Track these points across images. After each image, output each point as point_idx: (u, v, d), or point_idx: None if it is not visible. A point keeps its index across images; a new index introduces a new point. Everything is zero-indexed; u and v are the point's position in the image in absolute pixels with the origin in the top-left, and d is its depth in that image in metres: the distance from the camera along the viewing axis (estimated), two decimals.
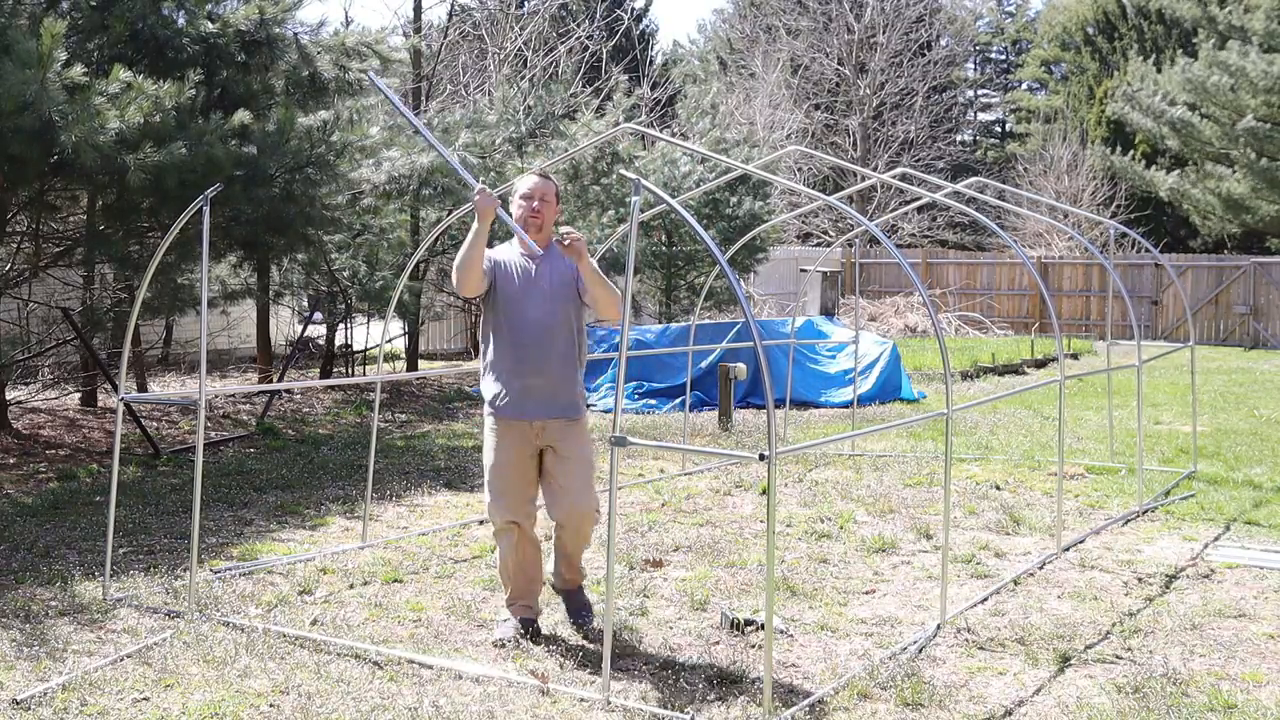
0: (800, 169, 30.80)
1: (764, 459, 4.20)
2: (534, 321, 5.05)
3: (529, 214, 5.15)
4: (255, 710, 4.32)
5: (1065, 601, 5.92)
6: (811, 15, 35.29)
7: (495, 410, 5.12)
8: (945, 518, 5.83)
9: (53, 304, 10.91)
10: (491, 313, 5.15)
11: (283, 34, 9.49)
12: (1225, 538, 7.29)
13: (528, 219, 5.15)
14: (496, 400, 5.11)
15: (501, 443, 5.12)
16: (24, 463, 8.97)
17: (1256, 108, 26.29)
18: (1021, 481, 9.12)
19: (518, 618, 5.22)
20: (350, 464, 9.47)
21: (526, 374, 5.04)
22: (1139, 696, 4.60)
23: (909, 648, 5.14)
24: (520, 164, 14.51)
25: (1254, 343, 25.28)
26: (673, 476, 9.25)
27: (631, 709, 4.38)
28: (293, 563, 6.44)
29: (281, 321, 16.67)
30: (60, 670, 4.69)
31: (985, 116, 51.93)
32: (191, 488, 5.50)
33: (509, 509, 5.13)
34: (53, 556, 6.47)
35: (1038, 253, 28.60)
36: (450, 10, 21.15)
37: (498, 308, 5.12)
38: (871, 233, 5.70)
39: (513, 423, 5.08)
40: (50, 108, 7.20)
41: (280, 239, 9.98)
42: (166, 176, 8.00)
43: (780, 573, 6.28)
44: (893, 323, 25.25)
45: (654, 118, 26.35)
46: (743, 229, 17.21)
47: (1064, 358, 8.46)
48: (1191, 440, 10.19)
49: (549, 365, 5.03)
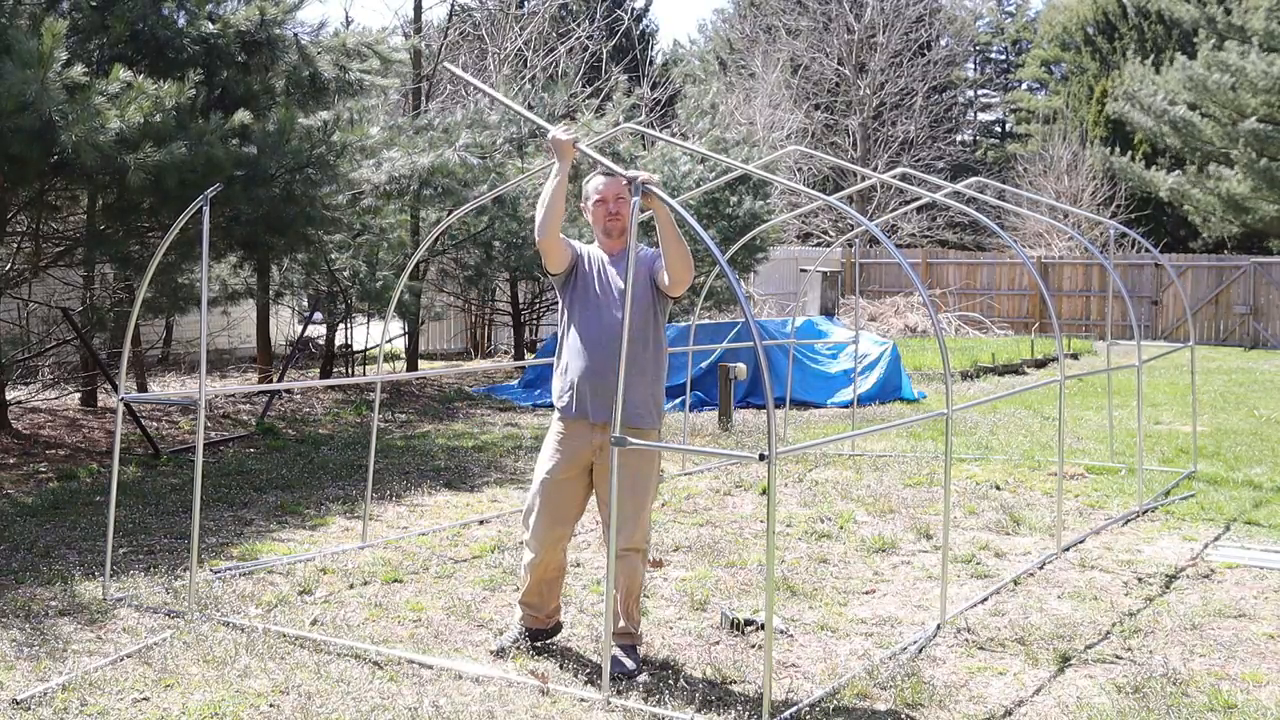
0: (800, 169, 30.80)
1: (764, 459, 4.20)
2: (608, 325, 4.78)
3: (607, 219, 4.92)
4: (255, 710, 4.32)
5: (1065, 601, 5.92)
6: (811, 15, 35.29)
7: (560, 410, 4.91)
8: (945, 518, 5.83)
9: (53, 304, 10.91)
10: (566, 310, 4.95)
11: (283, 35, 9.48)
12: (1225, 538, 7.29)
13: (608, 224, 4.92)
14: (561, 398, 4.91)
15: (561, 446, 4.88)
16: (24, 463, 8.97)
17: (1256, 108, 26.30)
18: (1021, 481, 9.12)
19: (522, 625, 5.08)
20: (350, 464, 9.47)
21: (595, 377, 4.78)
22: (1139, 696, 4.60)
23: (909, 648, 5.14)
24: (521, 164, 14.51)
25: (1254, 343, 25.28)
26: (673, 476, 9.25)
27: (631, 709, 4.38)
28: (293, 563, 6.44)
29: (281, 321, 16.67)
30: (60, 670, 4.69)
31: (985, 116, 51.94)
32: (191, 488, 5.50)
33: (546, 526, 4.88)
34: (53, 556, 6.47)
35: (1038, 253, 28.61)
36: (450, 10, 21.15)
37: (573, 306, 4.91)
38: (871, 233, 5.70)
39: (575, 423, 4.86)
40: (50, 107, 7.20)
41: (280, 239, 9.98)
42: (166, 176, 8.00)
43: (780, 573, 6.28)
44: (893, 323, 25.25)
45: (654, 118, 26.35)
46: (743, 229, 17.22)
47: (1064, 358, 8.46)
48: (1191, 440, 10.19)
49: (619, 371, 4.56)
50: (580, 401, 4.85)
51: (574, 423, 4.89)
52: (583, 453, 4.87)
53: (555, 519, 4.92)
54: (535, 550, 4.95)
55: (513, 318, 17.95)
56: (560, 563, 5.04)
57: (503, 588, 6.01)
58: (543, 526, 4.92)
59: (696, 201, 17.00)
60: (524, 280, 17.38)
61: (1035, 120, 42.71)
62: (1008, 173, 38.14)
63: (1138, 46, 35.00)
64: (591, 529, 7.37)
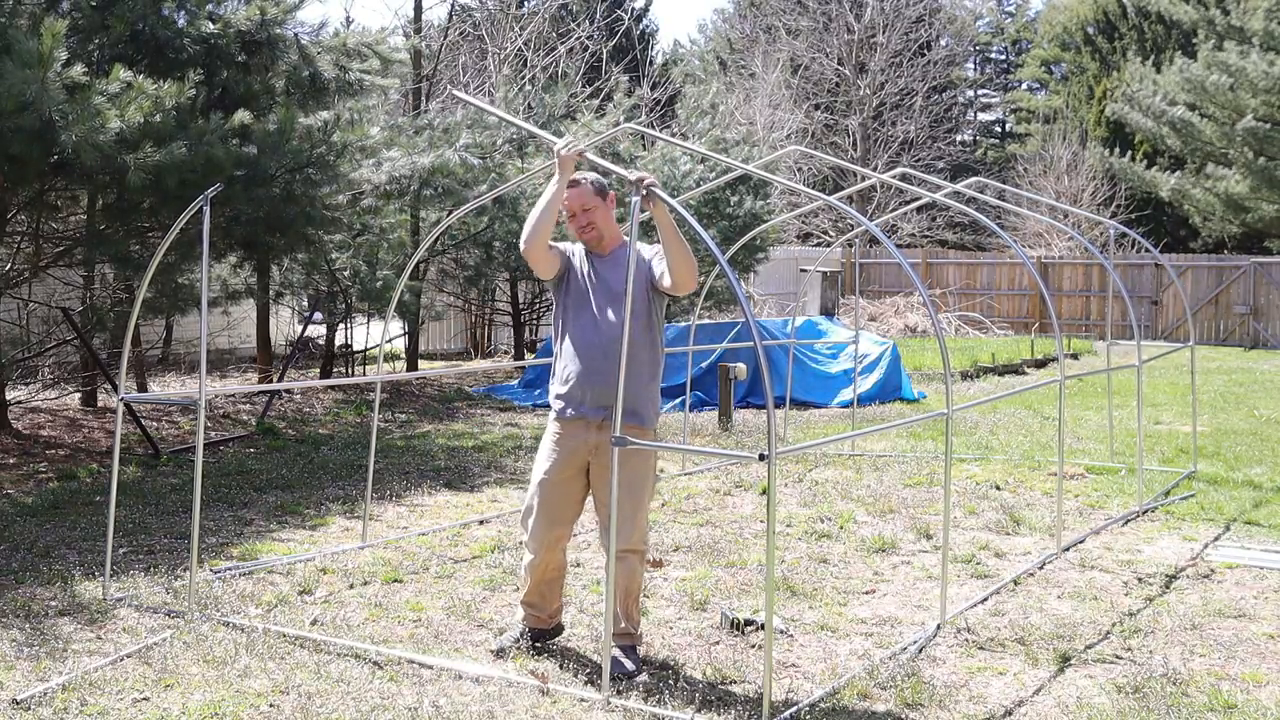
0: (800, 169, 30.80)
1: (763, 459, 4.20)
2: (603, 326, 4.80)
3: (580, 231, 4.90)
4: (255, 710, 4.32)
5: (1065, 601, 5.92)
6: (811, 15, 35.29)
7: (556, 412, 4.92)
8: (945, 518, 5.83)
9: (53, 304, 10.91)
10: (561, 312, 4.96)
11: (283, 35, 9.48)
12: (1225, 538, 7.29)
13: (582, 236, 4.91)
14: (557, 400, 4.91)
15: (558, 446, 4.89)
16: (24, 463, 8.97)
17: (1256, 108, 26.29)
18: (1021, 481, 9.12)
19: (524, 625, 5.07)
20: (350, 464, 9.47)
21: (592, 378, 4.78)
22: (1139, 696, 4.60)
23: (909, 648, 5.14)
24: (521, 164, 14.51)
25: (1254, 343, 25.28)
26: (673, 476, 9.25)
27: (631, 709, 4.38)
28: (293, 563, 6.44)
29: (281, 321, 16.67)
30: (60, 670, 4.69)
31: (985, 116, 51.94)
32: (191, 488, 5.50)
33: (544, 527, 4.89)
34: (53, 556, 6.47)
35: (1038, 253, 28.61)
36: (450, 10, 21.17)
37: (568, 309, 4.92)
38: (871, 233, 5.69)
39: (571, 423, 4.86)
40: (50, 107, 7.20)
41: (280, 239, 9.98)
42: (167, 176, 8.00)
43: (780, 573, 6.28)
44: (893, 323, 25.25)
45: (654, 118, 26.35)
46: (743, 228, 17.23)
47: (1064, 358, 8.46)
48: (1191, 440, 10.19)
49: (614, 372, 4.58)
50: (576, 402, 4.85)
51: (570, 423, 4.88)
52: (579, 453, 4.87)
53: (553, 520, 4.92)
54: (534, 551, 4.96)
55: (513, 318, 17.95)
56: (560, 563, 5.04)
57: (503, 588, 6.01)
58: (541, 527, 4.92)
59: (696, 201, 17.01)
60: (524, 280, 17.38)
61: (1035, 120, 42.70)
62: (1008, 173, 38.14)
63: (1138, 47, 34.99)
64: (591, 529, 7.37)
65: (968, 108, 49.39)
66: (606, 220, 4.92)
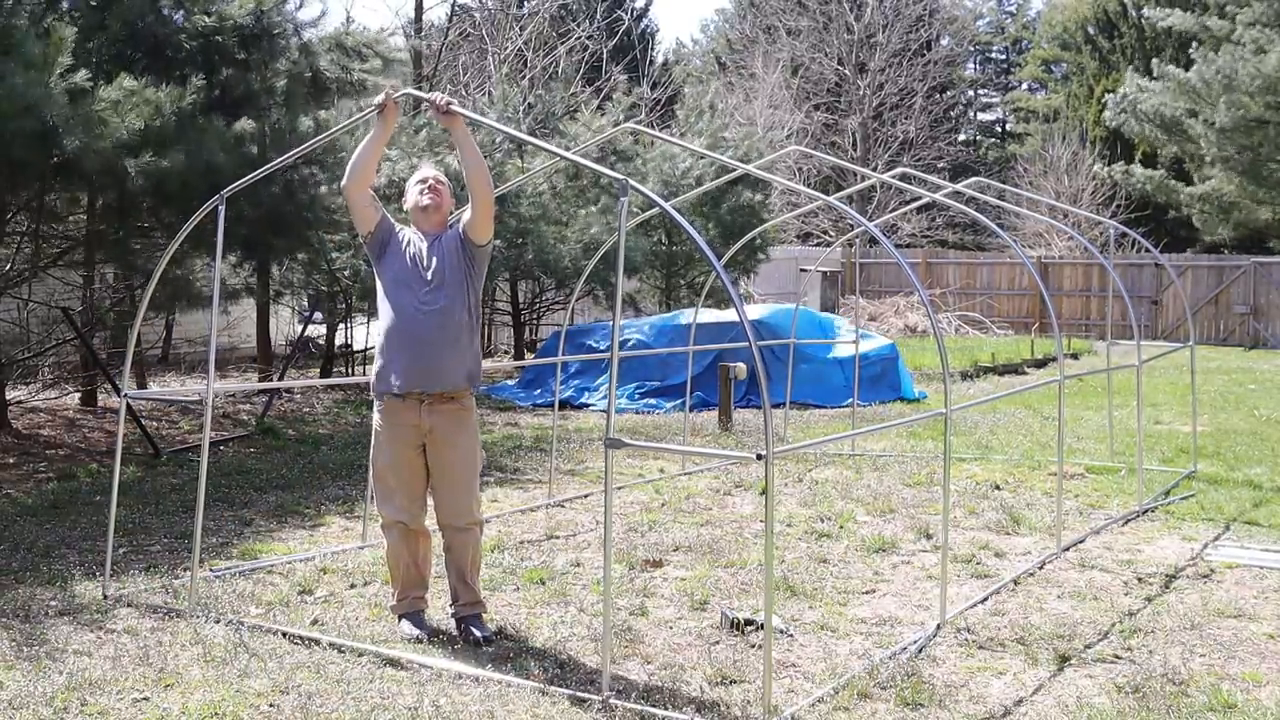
0: (800, 169, 30.80)
1: (761, 459, 4.20)
2: (423, 302, 5.01)
3: (424, 194, 5.16)
4: (255, 710, 4.32)
5: (1065, 601, 5.92)
6: (811, 15, 35.30)
7: (381, 389, 5.08)
8: (945, 518, 5.83)
9: (53, 304, 10.91)
10: (381, 287, 5.13)
11: (280, 24, 9.45)
12: (1225, 538, 7.29)
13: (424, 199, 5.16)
14: (382, 380, 5.07)
15: (391, 432, 5.10)
16: (24, 463, 8.97)
17: (1251, 109, 26.27)
18: (1021, 481, 9.12)
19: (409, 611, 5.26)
20: (350, 464, 9.47)
21: (414, 355, 4.99)
22: (1139, 696, 4.60)
23: (909, 648, 5.14)
24: (520, 163, 14.52)
25: (1254, 343, 25.29)
26: (672, 476, 9.24)
27: (631, 709, 4.38)
28: (293, 562, 6.44)
29: (281, 321, 16.67)
30: (60, 670, 4.69)
31: (985, 116, 51.96)
32: (191, 487, 5.50)
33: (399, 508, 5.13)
34: (53, 556, 6.47)
35: (1038, 253, 28.61)
36: (451, 11, 21.18)
37: (386, 285, 5.09)
38: (871, 233, 5.70)
39: (400, 404, 5.04)
40: (52, 113, 7.20)
41: (280, 239, 9.99)
42: (167, 180, 8.00)
43: (780, 573, 6.27)
44: (893, 323, 25.25)
45: (654, 117, 26.36)
46: (742, 222, 17.23)
47: (1064, 358, 8.46)
48: (1191, 440, 10.19)
49: (438, 347, 4.96)
50: (401, 378, 5.02)
51: (395, 399, 5.08)
52: (410, 430, 5.08)
53: (405, 500, 5.15)
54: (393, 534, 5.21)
55: (513, 318, 17.96)
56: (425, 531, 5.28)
57: (503, 587, 6.01)
58: (393, 510, 5.16)
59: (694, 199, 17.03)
60: (524, 280, 17.39)
61: (1035, 120, 42.71)
62: (1008, 173, 38.15)
63: (1138, 46, 34.98)
64: (592, 529, 7.38)
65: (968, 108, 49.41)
66: (447, 201, 5.27)
